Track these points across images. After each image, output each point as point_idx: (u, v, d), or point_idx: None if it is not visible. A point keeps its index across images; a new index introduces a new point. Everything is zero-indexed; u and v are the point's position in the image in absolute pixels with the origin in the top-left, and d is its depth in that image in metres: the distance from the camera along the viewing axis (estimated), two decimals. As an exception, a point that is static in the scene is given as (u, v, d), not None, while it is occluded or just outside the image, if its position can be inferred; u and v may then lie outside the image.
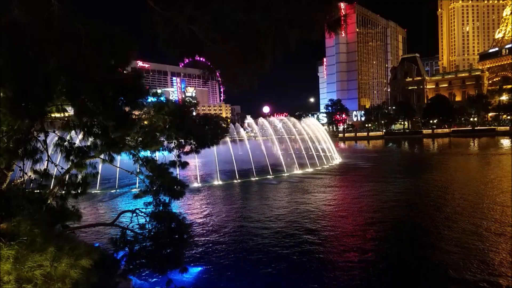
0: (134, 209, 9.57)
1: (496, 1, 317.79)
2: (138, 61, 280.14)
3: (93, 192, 36.51)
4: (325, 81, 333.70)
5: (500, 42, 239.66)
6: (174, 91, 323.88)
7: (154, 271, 9.31)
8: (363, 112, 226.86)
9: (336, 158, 65.13)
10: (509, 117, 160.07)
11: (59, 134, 8.66)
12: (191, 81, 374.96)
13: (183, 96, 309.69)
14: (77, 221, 8.27)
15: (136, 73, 8.75)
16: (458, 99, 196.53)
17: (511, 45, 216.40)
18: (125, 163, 10.50)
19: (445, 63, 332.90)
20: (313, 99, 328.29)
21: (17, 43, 5.65)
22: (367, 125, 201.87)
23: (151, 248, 9.03)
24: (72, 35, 5.41)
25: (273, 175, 46.62)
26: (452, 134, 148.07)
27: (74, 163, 8.50)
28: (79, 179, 8.76)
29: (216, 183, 42.58)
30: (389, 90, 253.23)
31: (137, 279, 14.07)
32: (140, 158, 9.66)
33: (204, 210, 28.96)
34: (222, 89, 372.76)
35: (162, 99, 10.29)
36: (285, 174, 48.01)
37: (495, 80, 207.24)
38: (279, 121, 71.90)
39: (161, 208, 9.51)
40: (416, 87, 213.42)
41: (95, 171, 8.95)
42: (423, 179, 39.81)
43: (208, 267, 16.42)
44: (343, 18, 5.79)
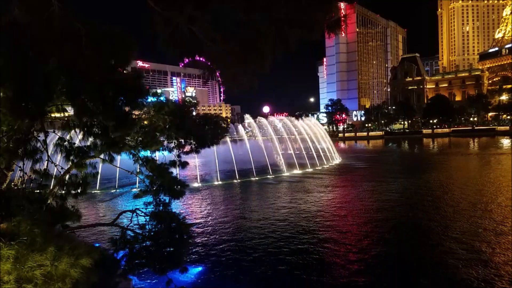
0: (134, 209, 9.56)
1: (496, 1, 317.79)
2: (138, 61, 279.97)
3: (93, 192, 36.51)
4: (325, 81, 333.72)
5: (500, 42, 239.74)
6: (174, 91, 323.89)
7: (154, 271, 9.29)
8: (363, 112, 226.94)
9: (336, 158, 65.13)
10: (509, 117, 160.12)
11: (59, 134, 8.66)
12: (191, 81, 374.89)
13: (183, 96, 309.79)
14: (77, 221, 8.26)
15: (136, 73, 8.74)
16: (458, 99, 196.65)
17: (511, 45, 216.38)
18: (125, 163, 10.50)
19: (445, 63, 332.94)
20: (313, 99, 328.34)
21: (17, 43, 5.65)
22: (367, 125, 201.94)
23: (151, 248, 9.03)
24: (72, 35, 5.41)
25: (273, 175, 46.63)
26: (452, 134, 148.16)
27: (74, 163, 8.49)
28: (79, 179, 8.76)
29: (216, 183, 42.59)
30: (389, 90, 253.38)
31: (137, 279, 14.08)
32: (140, 158, 9.66)
33: (204, 210, 28.96)
34: (222, 89, 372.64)
35: (162, 99, 10.29)
36: (285, 174, 48.01)
37: (495, 80, 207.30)
38: (279, 121, 71.90)
39: (161, 208, 9.51)
40: (416, 87, 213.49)
41: (95, 171, 8.94)
42: (423, 179, 39.81)
43: (208, 267, 16.42)
44: (343, 18, 5.79)
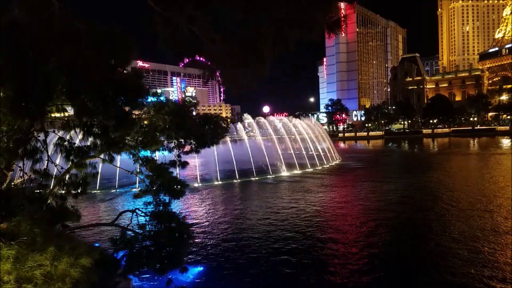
0: (134, 209, 9.58)
1: (496, 1, 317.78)
2: (138, 61, 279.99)
3: (93, 192, 36.52)
4: (325, 81, 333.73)
5: (500, 42, 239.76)
6: (174, 91, 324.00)
7: (154, 271, 9.30)
8: (363, 112, 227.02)
9: (336, 158, 65.14)
10: (509, 117, 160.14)
11: (59, 134, 8.67)
12: (191, 81, 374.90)
13: (183, 96, 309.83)
14: (77, 221, 8.27)
15: (136, 73, 8.76)
16: (458, 99, 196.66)
17: (511, 45, 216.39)
18: (125, 163, 10.51)
19: (445, 63, 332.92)
20: (313, 99, 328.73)
21: (17, 43, 5.65)
22: (367, 125, 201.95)
23: (151, 248, 9.03)
24: (72, 35, 5.41)
25: (273, 175, 46.64)
26: (452, 134, 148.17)
27: (74, 163, 8.51)
28: (79, 179, 8.77)
29: (216, 182, 42.60)
30: (389, 90, 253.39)
31: (137, 279, 14.08)
32: (140, 157, 9.67)
33: (204, 209, 28.96)
34: (222, 89, 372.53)
35: (162, 99, 10.30)
36: (285, 173, 48.03)
37: (495, 80, 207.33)
38: (278, 121, 71.93)
39: (161, 208, 9.52)
40: (416, 87, 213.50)
41: (95, 171, 8.96)
42: (423, 179, 39.80)
43: (208, 267, 16.42)
44: (343, 18, 5.79)
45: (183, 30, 5.48)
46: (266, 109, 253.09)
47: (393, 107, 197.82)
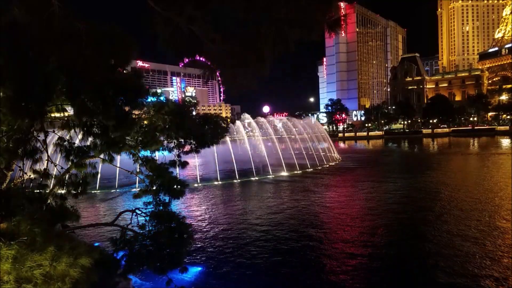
0: (134, 209, 9.57)
1: (496, 1, 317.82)
2: (138, 61, 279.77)
3: (93, 192, 36.51)
4: (325, 81, 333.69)
5: (499, 41, 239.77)
6: (174, 90, 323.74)
7: (154, 271, 9.30)
8: (363, 111, 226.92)
9: (336, 158, 65.14)
10: (508, 117, 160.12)
11: (59, 134, 8.67)
12: (191, 81, 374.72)
13: (183, 95, 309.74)
14: (76, 221, 8.27)
15: (136, 72, 8.75)
16: (458, 98, 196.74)
17: (511, 45, 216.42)
18: (125, 162, 10.50)
19: (445, 63, 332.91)
20: (313, 99, 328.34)
21: (17, 43, 5.65)
22: (367, 125, 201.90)
23: (151, 248, 9.03)
24: (72, 35, 5.41)
25: (272, 175, 46.65)
26: (451, 133, 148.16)
27: (74, 163, 8.50)
28: (79, 179, 8.76)
29: (216, 182, 42.59)
30: (389, 89, 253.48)
31: (137, 279, 14.08)
32: (140, 157, 9.66)
33: (204, 209, 28.96)
34: (222, 89, 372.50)
35: (162, 98, 10.29)
36: (284, 173, 48.03)
37: (495, 79, 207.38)
38: (278, 121, 71.94)
39: (161, 207, 9.52)
40: (416, 87, 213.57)
41: (95, 171, 8.95)
42: (423, 179, 39.81)
43: (208, 267, 16.42)
44: (343, 18, 5.79)
45: (183, 30, 5.48)
46: (266, 109, 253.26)
47: (393, 107, 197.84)
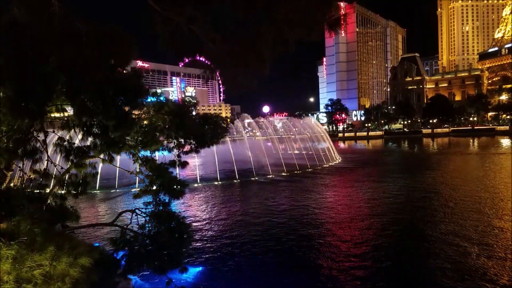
0: (134, 209, 9.57)
1: (495, 1, 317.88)
2: (138, 61, 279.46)
3: (93, 192, 36.50)
4: (325, 81, 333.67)
5: (499, 41, 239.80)
6: (174, 90, 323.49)
7: (154, 271, 9.30)
8: (363, 111, 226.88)
9: (336, 158, 65.14)
10: (508, 117, 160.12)
11: (59, 134, 8.66)
12: (191, 80, 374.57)
13: (183, 95, 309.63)
14: (76, 221, 8.27)
15: (136, 72, 8.75)
16: (457, 98, 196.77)
17: (511, 45, 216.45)
18: (125, 162, 10.50)
19: (445, 63, 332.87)
20: (313, 99, 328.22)
21: (17, 43, 5.65)
22: (366, 125, 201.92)
23: (151, 248, 9.03)
24: (72, 35, 5.41)
25: (272, 175, 46.64)
26: (451, 133, 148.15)
27: (73, 163, 8.50)
28: (79, 179, 8.76)
29: (216, 182, 42.60)
30: (388, 89, 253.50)
31: (137, 279, 14.08)
32: (139, 157, 9.66)
33: (204, 209, 28.95)
34: (222, 89, 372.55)
35: (161, 99, 10.29)
36: (284, 174, 48.02)
37: (494, 79, 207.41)
38: (278, 121, 72.02)
39: (161, 207, 9.51)
40: (415, 87, 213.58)
41: (94, 171, 8.95)
42: (423, 179, 39.82)
43: (208, 267, 16.42)
44: (342, 17, 5.79)
45: (183, 30, 5.48)
46: (266, 109, 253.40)
47: (393, 107, 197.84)
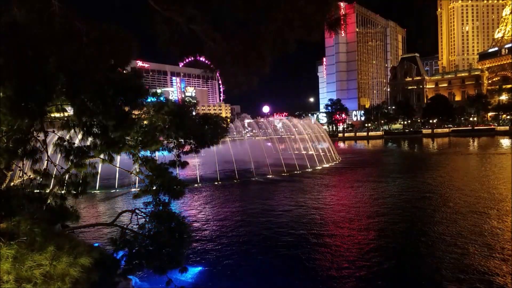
0: (134, 209, 9.56)
1: (495, 1, 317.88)
2: (138, 61, 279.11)
3: (93, 192, 36.50)
4: (325, 81, 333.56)
5: (499, 41, 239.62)
6: (173, 91, 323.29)
7: (154, 271, 9.29)
8: (362, 111, 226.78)
9: (335, 158, 65.14)
10: (508, 117, 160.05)
11: (59, 134, 8.65)
12: (191, 80, 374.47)
13: (183, 96, 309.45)
14: (76, 221, 8.26)
15: (136, 72, 8.74)
16: (457, 98, 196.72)
17: (511, 45, 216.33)
18: (125, 162, 10.50)
19: (445, 63, 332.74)
20: (313, 99, 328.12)
21: (17, 43, 5.64)
22: (366, 125, 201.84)
23: (151, 248, 9.02)
24: (72, 34, 5.41)
25: (272, 175, 46.64)
26: (451, 133, 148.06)
27: (73, 163, 8.48)
28: (79, 179, 8.75)
29: (216, 182, 42.60)
30: (388, 90, 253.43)
31: (137, 279, 14.08)
32: (139, 157, 9.65)
33: (203, 209, 28.95)
34: (222, 89, 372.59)
35: (161, 99, 10.28)
36: (284, 174, 48.02)
37: (494, 79, 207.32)
38: (278, 121, 72.07)
39: (161, 207, 9.50)
40: (415, 87, 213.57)
41: (94, 171, 8.93)
42: (423, 180, 39.84)
43: (208, 267, 16.42)
44: (342, 17, 5.78)
45: (183, 29, 5.48)
46: (266, 109, 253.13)
47: (393, 107, 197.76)
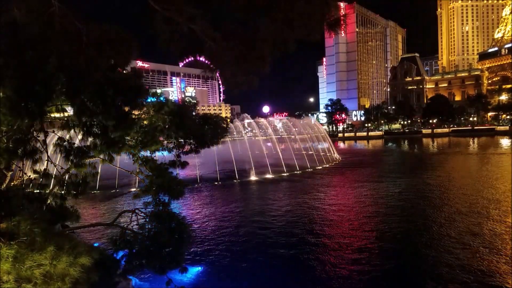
0: (134, 209, 9.56)
1: (495, 1, 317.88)
2: (137, 61, 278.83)
3: (93, 192, 36.50)
4: (325, 81, 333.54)
5: (499, 41, 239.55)
6: (173, 91, 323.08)
7: (154, 271, 9.28)
8: (362, 112, 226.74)
9: (335, 158, 65.15)
10: (508, 117, 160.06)
11: (58, 134, 8.65)
12: (191, 80, 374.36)
13: (183, 96, 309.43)
14: (76, 221, 8.26)
15: (135, 72, 8.74)
16: (457, 98, 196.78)
17: (511, 45, 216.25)
18: (125, 162, 10.50)
19: (445, 63, 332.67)
20: (313, 99, 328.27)
21: (17, 43, 5.64)
22: (366, 125, 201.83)
23: (151, 248, 9.01)
24: (72, 34, 5.41)
25: (272, 175, 46.64)
26: (451, 133, 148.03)
27: (73, 163, 8.48)
28: (79, 179, 8.74)
29: (216, 182, 42.59)
30: (388, 90, 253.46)
31: (137, 279, 14.08)
32: (139, 157, 9.65)
33: (203, 209, 28.95)
34: (222, 89, 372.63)
35: (161, 99, 10.28)
36: (284, 174, 48.03)
37: (494, 79, 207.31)
38: (278, 121, 72.13)
39: (161, 208, 9.49)
40: (415, 87, 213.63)
41: (94, 171, 8.93)
42: (423, 180, 39.83)
43: (208, 267, 16.42)
44: (342, 18, 5.79)
45: (183, 29, 5.48)
46: (266, 109, 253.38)
47: (393, 107, 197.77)
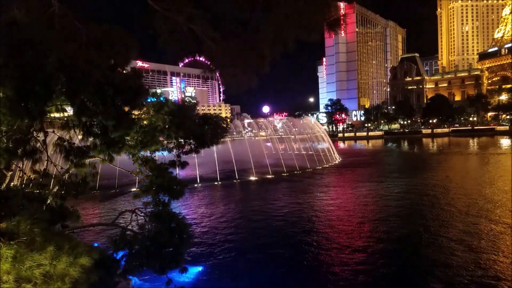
0: (134, 209, 9.56)
1: (495, 1, 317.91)
2: (137, 61, 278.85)
3: (93, 192, 36.49)
4: (325, 81, 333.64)
5: (499, 41, 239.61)
6: (173, 91, 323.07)
7: (154, 271, 9.28)
8: (362, 111, 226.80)
9: (335, 158, 65.14)
10: (508, 117, 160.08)
11: (58, 134, 8.65)
12: (191, 80, 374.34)
13: (183, 96, 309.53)
14: (76, 221, 8.26)
15: (135, 72, 8.73)
16: (457, 98, 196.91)
17: (511, 45, 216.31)
18: (125, 163, 10.50)
19: (445, 63, 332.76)
20: (312, 99, 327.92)
21: (17, 42, 5.64)
22: (366, 125, 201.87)
23: (151, 248, 9.01)
24: (72, 34, 5.41)
25: (272, 175, 46.64)
26: (451, 133, 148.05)
27: (73, 163, 8.48)
28: (79, 179, 8.74)
29: (216, 182, 42.59)
30: (388, 90, 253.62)
31: (137, 279, 14.08)
32: (139, 157, 9.65)
33: (203, 209, 28.95)
34: (221, 89, 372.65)
35: (161, 99, 10.27)
36: (284, 174, 48.02)
37: (494, 79, 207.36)
38: (278, 121, 72.15)
39: (161, 208, 9.49)
40: (415, 87, 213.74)
41: (94, 171, 8.93)
42: (423, 180, 39.84)
43: (208, 267, 16.42)
44: (342, 18, 5.79)
45: (183, 29, 5.48)
46: (266, 109, 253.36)
47: (393, 107, 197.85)
